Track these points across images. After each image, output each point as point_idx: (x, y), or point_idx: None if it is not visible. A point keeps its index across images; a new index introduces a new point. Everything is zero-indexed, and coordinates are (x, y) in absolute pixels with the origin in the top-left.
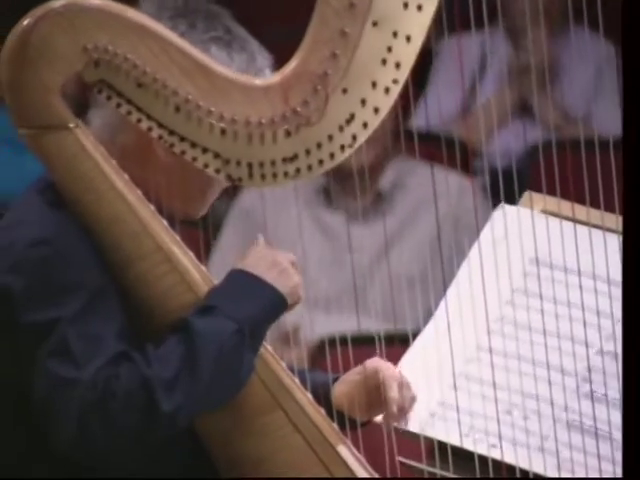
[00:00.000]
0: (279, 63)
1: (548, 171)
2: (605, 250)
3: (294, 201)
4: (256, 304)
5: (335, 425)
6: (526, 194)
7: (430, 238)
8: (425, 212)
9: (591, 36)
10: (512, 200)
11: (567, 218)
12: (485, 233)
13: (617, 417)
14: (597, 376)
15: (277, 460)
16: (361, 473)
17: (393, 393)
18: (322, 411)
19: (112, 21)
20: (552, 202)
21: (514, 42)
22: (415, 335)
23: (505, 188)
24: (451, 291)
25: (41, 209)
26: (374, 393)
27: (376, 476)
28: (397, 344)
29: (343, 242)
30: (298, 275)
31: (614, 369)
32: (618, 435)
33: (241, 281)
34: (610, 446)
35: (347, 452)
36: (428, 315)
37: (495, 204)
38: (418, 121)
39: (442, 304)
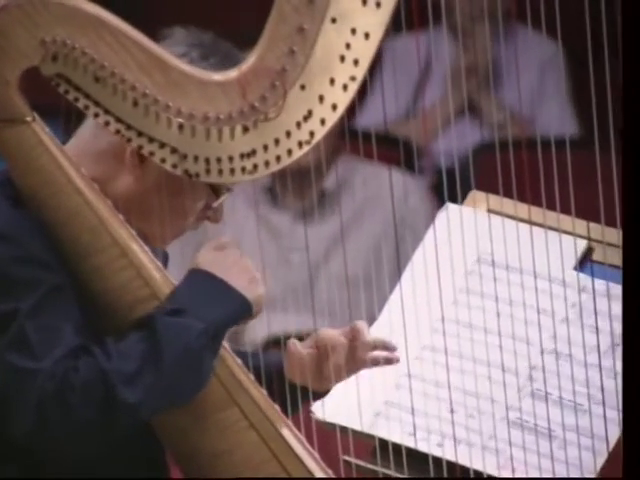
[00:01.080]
0: None
1: (493, 170)
2: (547, 249)
3: (239, 200)
4: (223, 309)
5: (290, 421)
6: (471, 193)
7: (375, 237)
8: (370, 212)
9: (535, 36)
10: (457, 199)
11: (511, 217)
12: (430, 232)
13: (558, 415)
14: (539, 375)
15: (232, 455)
16: (314, 469)
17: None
18: (277, 407)
19: (71, 15)
20: (497, 201)
21: (459, 42)
22: None
23: (450, 188)
24: (396, 290)
25: None
26: (325, 362)
27: (329, 472)
28: None
29: (288, 241)
30: (263, 286)
31: (556, 368)
32: (560, 433)
33: (210, 284)
34: (550, 444)
35: (301, 449)
36: (373, 315)
37: (440, 204)
38: (363, 120)
39: (387, 303)
